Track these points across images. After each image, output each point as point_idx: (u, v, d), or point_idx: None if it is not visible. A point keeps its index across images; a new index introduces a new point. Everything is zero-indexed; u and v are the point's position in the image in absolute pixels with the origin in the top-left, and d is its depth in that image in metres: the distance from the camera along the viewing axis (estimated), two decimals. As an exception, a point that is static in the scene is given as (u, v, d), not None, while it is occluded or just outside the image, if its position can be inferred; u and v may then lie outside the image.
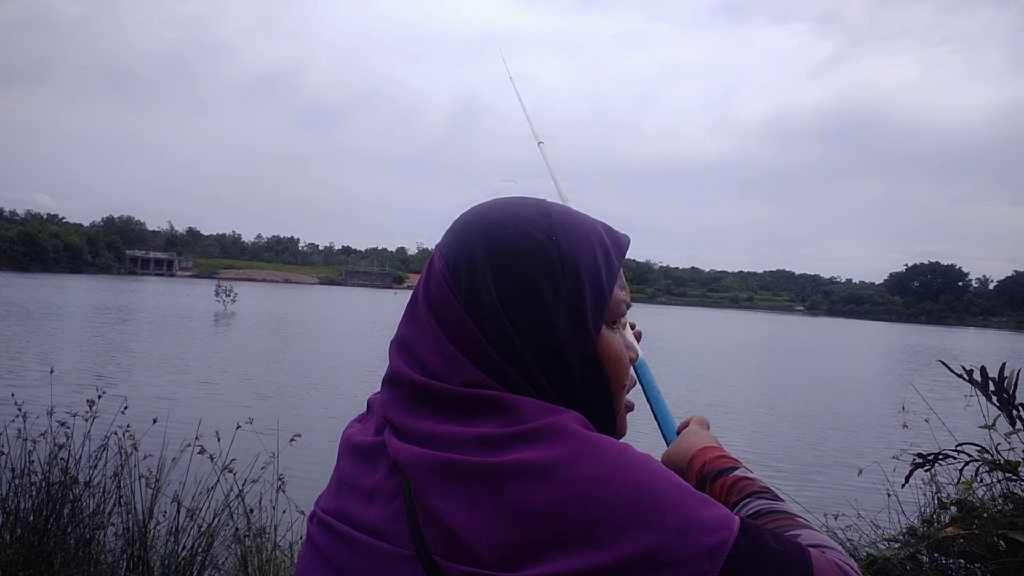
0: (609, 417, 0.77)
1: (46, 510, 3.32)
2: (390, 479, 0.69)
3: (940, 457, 2.39)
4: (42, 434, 3.67)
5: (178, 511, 3.41)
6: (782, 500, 0.80)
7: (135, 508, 3.44)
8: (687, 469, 0.89)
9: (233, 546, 3.44)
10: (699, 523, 0.61)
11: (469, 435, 0.66)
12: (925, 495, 2.97)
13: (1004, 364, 2.28)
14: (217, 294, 43.32)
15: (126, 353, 19.35)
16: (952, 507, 2.50)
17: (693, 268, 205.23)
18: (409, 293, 0.82)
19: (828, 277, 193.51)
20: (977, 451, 2.37)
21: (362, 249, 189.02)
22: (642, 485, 0.62)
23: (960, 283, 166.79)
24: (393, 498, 0.68)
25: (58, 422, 3.67)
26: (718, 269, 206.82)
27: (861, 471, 3.67)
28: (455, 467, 0.64)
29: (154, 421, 3.64)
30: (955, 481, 2.60)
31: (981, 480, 2.52)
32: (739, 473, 0.83)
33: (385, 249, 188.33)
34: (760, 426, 14.12)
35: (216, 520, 3.44)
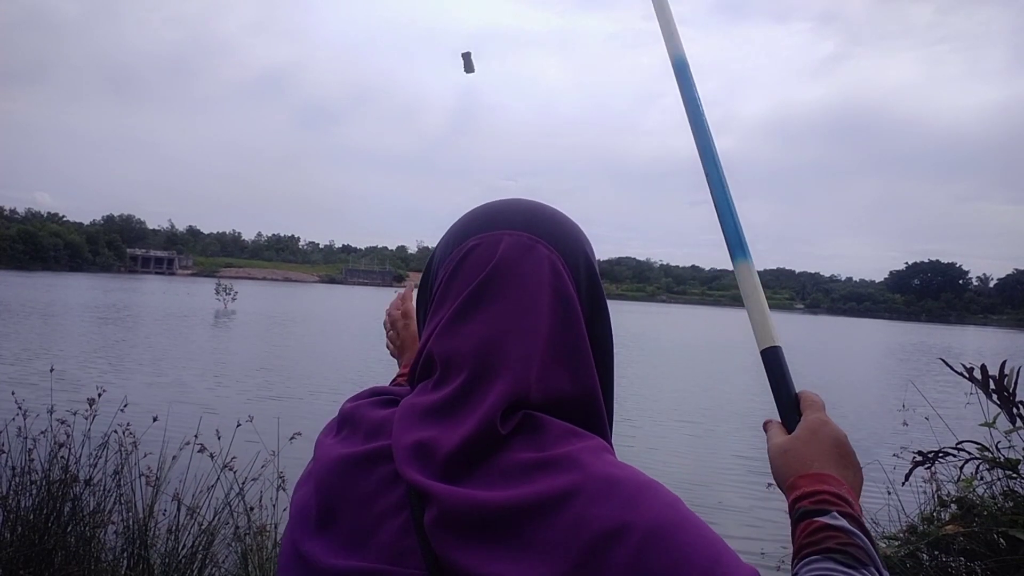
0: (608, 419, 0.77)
1: (46, 508, 3.33)
2: (392, 489, 0.67)
3: (940, 455, 2.39)
4: (42, 432, 3.67)
5: (178, 509, 3.41)
6: (866, 563, 0.65)
7: (135, 506, 3.44)
8: (785, 490, 0.76)
9: (233, 544, 3.45)
10: None
11: (498, 460, 0.65)
12: (925, 493, 2.97)
13: (1004, 362, 2.28)
14: (217, 292, 43.28)
15: (126, 351, 19.35)
16: (952, 505, 2.50)
17: (693, 266, 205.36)
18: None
19: (828, 275, 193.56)
20: (977, 449, 2.38)
21: (362, 247, 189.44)
22: (655, 531, 0.58)
23: (960, 281, 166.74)
24: (399, 510, 0.65)
25: (58, 420, 3.67)
26: (718, 267, 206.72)
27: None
28: (468, 514, 0.61)
29: (154, 419, 3.64)
30: (955, 479, 2.60)
31: (981, 478, 2.52)
32: (827, 519, 0.68)
33: (385, 247, 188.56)
34: (760, 425, 14.10)
35: (216, 518, 3.45)
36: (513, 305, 0.70)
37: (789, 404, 0.84)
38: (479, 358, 0.69)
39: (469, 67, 1.37)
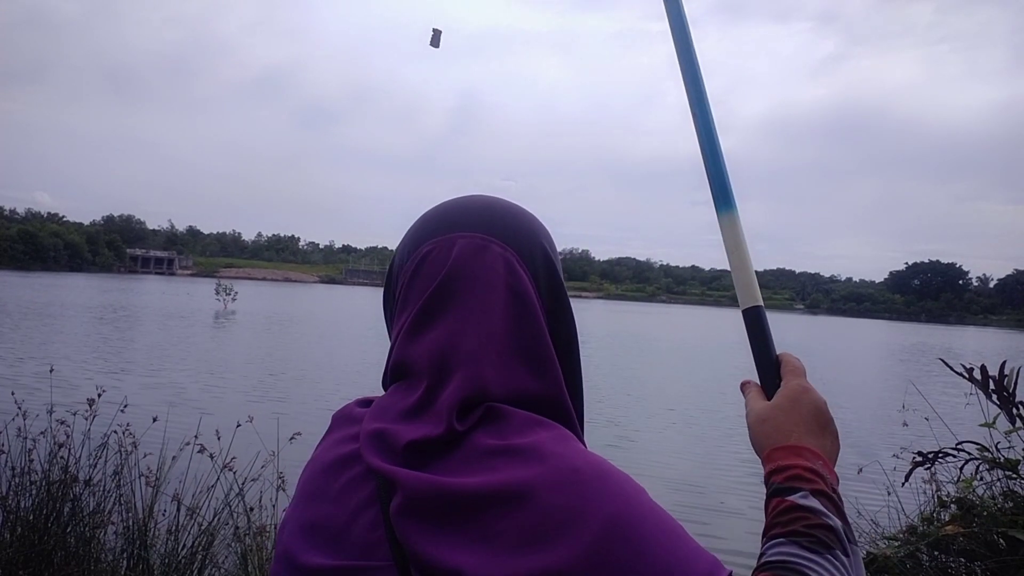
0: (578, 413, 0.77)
1: (46, 509, 3.33)
2: (364, 485, 0.68)
3: (940, 455, 2.39)
4: (42, 433, 3.67)
5: (178, 510, 3.41)
6: (832, 547, 0.64)
7: (135, 507, 3.44)
8: (762, 460, 0.75)
9: (233, 544, 3.44)
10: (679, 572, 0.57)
11: (460, 449, 0.65)
12: (925, 493, 2.97)
13: (1004, 363, 2.28)
14: (217, 293, 43.30)
15: (126, 351, 19.34)
16: (952, 505, 2.50)
17: (693, 266, 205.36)
18: None
19: (828, 275, 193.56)
20: (977, 449, 2.37)
21: (362, 248, 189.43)
22: (614, 522, 0.58)
23: (960, 281, 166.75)
24: (370, 505, 0.67)
25: (58, 421, 3.67)
26: (718, 267, 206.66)
27: (861, 469, 3.68)
28: (432, 500, 0.62)
29: (154, 420, 3.64)
30: (955, 479, 2.60)
31: (981, 478, 2.52)
32: (796, 499, 0.67)
33: (385, 247, 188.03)
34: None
35: (216, 519, 3.44)
36: (466, 308, 0.71)
37: (769, 367, 0.82)
38: (436, 364, 0.69)
39: (435, 42, 1.41)
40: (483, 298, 0.71)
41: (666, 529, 0.59)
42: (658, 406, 15.66)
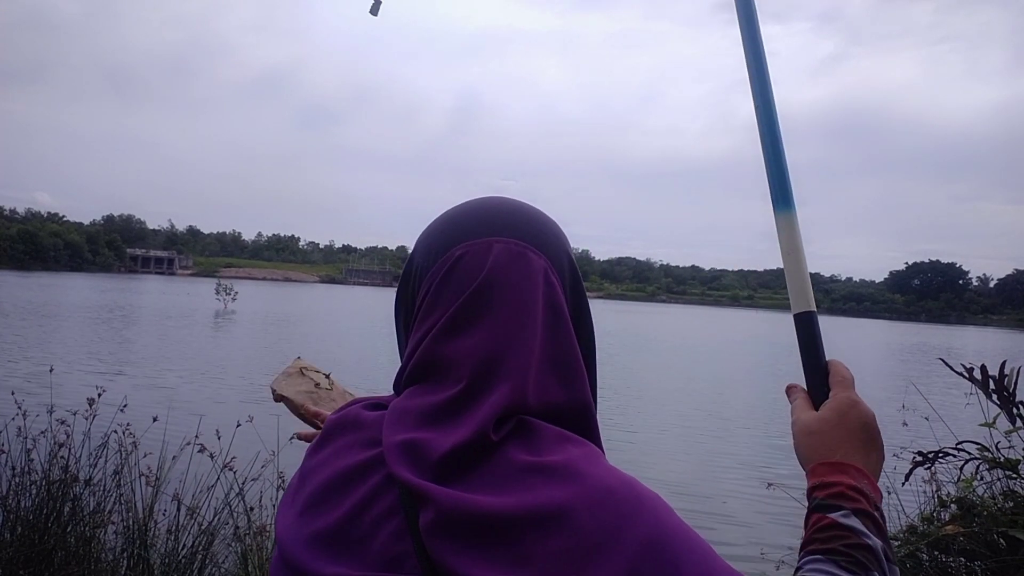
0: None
1: (46, 508, 3.33)
2: (385, 495, 0.66)
3: (940, 455, 2.39)
4: (42, 432, 3.67)
5: (178, 509, 3.41)
6: (870, 567, 0.65)
7: (135, 506, 3.44)
8: (806, 472, 0.75)
9: (233, 544, 3.44)
10: None
11: (493, 463, 0.64)
12: (925, 493, 2.98)
13: (1004, 362, 2.28)
14: (217, 292, 43.29)
15: (126, 351, 19.35)
16: (952, 505, 2.50)
17: (693, 266, 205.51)
18: None
19: (828, 275, 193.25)
20: (977, 449, 2.38)
21: (362, 247, 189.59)
22: (649, 543, 0.58)
23: (960, 281, 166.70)
24: (391, 515, 0.65)
25: (58, 420, 3.67)
26: (718, 267, 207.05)
27: (861, 469, 3.67)
28: (466, 519, 0.61)
29: (154, 419, 3.64)
30: (955, 479, 2.60)
31: (981, 478, 2.52)
32: (837, 517, 0.68)
33: (385, 247, 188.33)
34: (760, 424, 14.11)
35: (216, 518, 3.44)
36: (509, 315, 0.70)
37: (817, 374, 0.81)
38: (479, 367, 0.68)
39: (375, 10, 1.43)
40: (524, 308, 0.70)
41: (698, 549, 0.60)
42: (659, 406, 15.67)
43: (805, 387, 0.83)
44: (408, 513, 0.64)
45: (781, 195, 0.87)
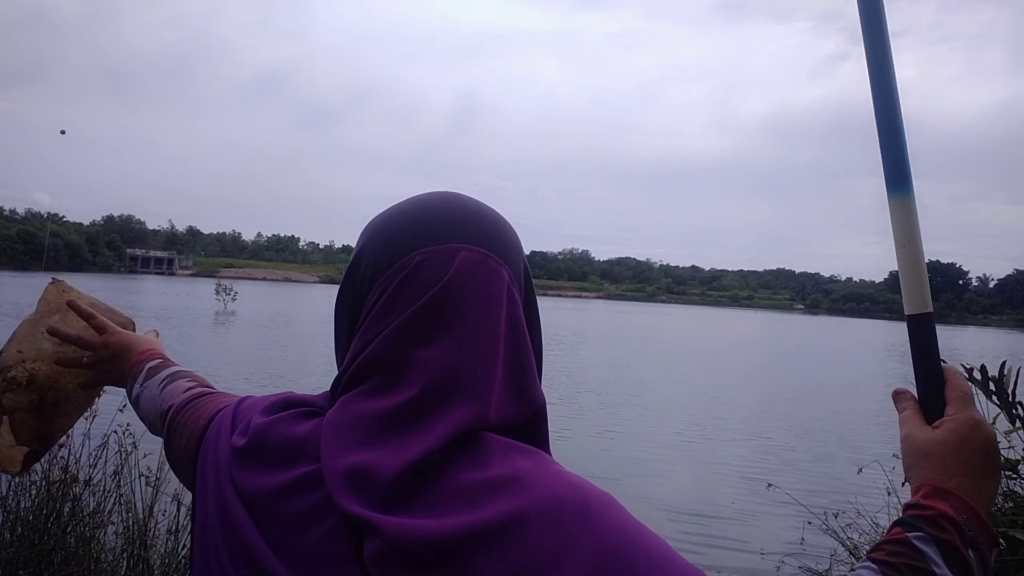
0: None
1: (46, 509, 3.32)
2: (325, 517, 0.64)
3: (940, 455, 2.38)
4: (42, 432, 3.67)
5: (178, 510, 3.41)
6: None
7: (135, 507, 3.44)
8: (912, 488, 0.73)
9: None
10: None
11: (440, 483, 0.62)
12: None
13: (1004, 362, 2.28)
14: (217, 293, 43.28)
15: (126, 352, 19.34)
16: (952, 505, 2.49)
17: (693, 267, 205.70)
18: None
19: (828, 275, 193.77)
20: (977, 449, 2.37)
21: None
22: (603, 553, 0.57)
23: (960, 281, 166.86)
24: (334, 539, 0.64)
25: (58, 420, 3.66)
26: (718, 268, 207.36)
27: (861, 469, 3.68)
28: (413, 546, 0.58)
29: (154, 419, 3.64)
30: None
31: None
32: (913, 537, 0.67)
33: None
34: (760, 424, 14.12)
35: (216, 519, 3.44)
36: (473, 330, 0.67)
37: (932, 385, 0.74)
38: (437, 378, 0.65)
39: None
40: (487, 325, 0.68)
41: (654, 549, 0.58)
42: (659, 407, 15.67)
43: (915, 395, 0.76)
44: (353, 541, 0.62)
45: (898, 175, 0.76)
